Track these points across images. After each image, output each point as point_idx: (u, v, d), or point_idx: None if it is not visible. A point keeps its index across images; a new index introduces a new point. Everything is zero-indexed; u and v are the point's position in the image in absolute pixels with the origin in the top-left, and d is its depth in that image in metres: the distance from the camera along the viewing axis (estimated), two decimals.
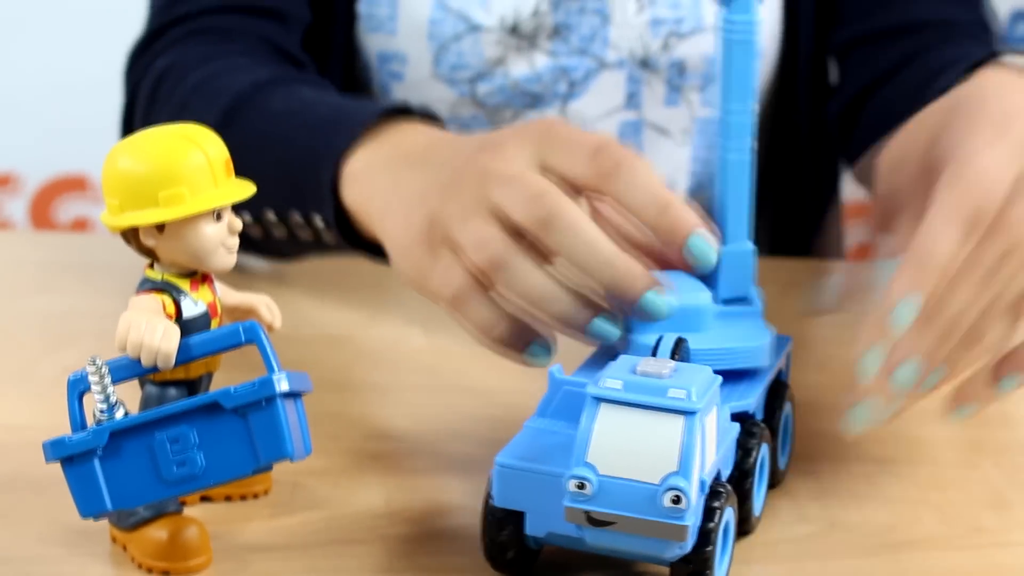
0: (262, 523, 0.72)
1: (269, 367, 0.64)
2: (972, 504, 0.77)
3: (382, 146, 0.88)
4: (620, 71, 1.14)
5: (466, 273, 0.73)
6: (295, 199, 0.92)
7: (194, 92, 1.02)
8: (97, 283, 1.06)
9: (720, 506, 0.64)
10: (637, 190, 0.72)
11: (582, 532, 0.63)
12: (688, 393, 0.62)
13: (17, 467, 0.76)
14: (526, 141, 0.75)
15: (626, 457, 0.62)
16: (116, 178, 0.64)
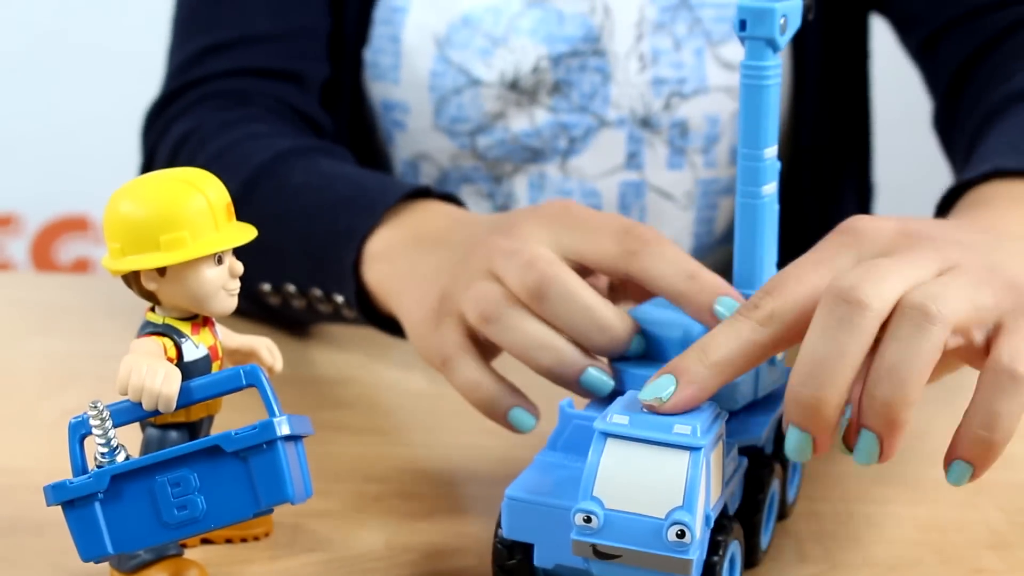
0: (263, 565, 0.72)
1: (270, 410, 0.64)
2: (973, 545, 0.77)
3: (401, 227, 0.89)
4: (620, 129, 1.14)
5: (460, 335, 0.75)
6: (316, 276, 0.94)
7: (214, 161, 1.02)
8: (98, 325, 1.06)
9: (725, 540, 0.64)
10: (665, 263, 0.72)
11: (589, 565, 0.64)
12: (693, 429, 0.63)
13: (17, 510, 0.76)
14: (543, 222, 0.76)
15: (632, 491, 0.63)
16: (118, 222, 0.65)
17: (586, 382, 0.72)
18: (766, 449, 0.73)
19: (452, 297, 0.77)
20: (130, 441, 0.66)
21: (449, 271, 0.78)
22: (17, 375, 0.97)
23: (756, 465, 0.71)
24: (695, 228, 1.18)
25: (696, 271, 0.72)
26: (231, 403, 0.69)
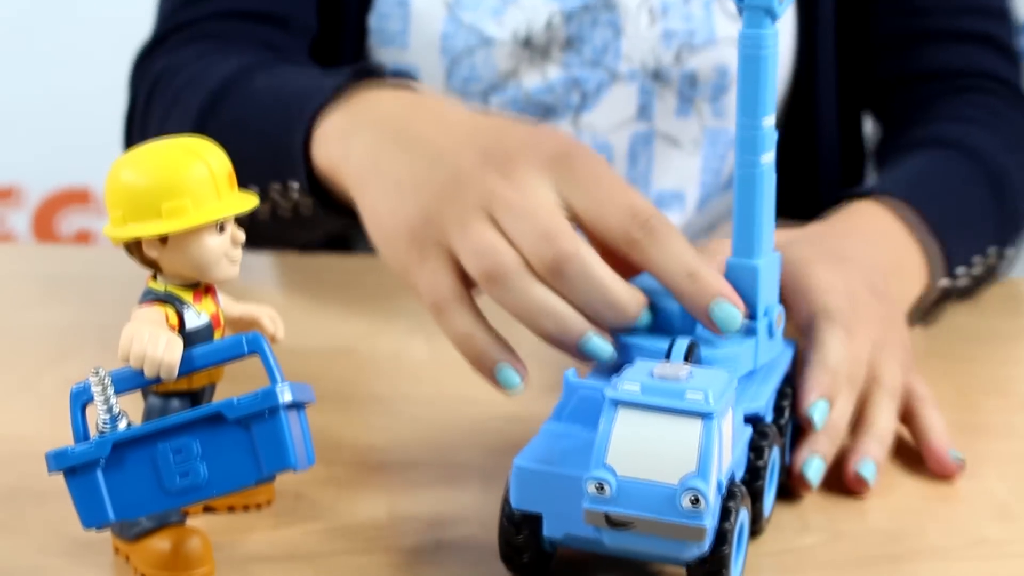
0: (265, 534, 0.72)
1: (272, 378, 0.64)
2: (976, 515, 0.77)
3: (355, 107, 0.87)
4: (632, 83, 1.14)
5: (453, 280, 0.74)
6: (272, 168, 0.92)
7: (185, 86, 1.02)
8: (100, 295, 1.06)
9: (736, 506, 0.64)
10: (668, 257, 0.72)
11: (600, 534, 0.64)
12: (706, 395, 0.63)
13: (19, 478, 0.76)
14: (544, 169, 0.74)
15: (645, 459, 0.62)
16: (119, 190, 0.64)
17: (587, 349, 0.71)
18: (766, 418, 0.73)
19: (442, 229, 0.74)
20: (132, 410, 0.66)
21: (435, 192, 0.76)
22: (19, 345, 0.97)
23: (756, 433, 0.71)
24: (701, 176, 1.18)
25: (696, 270, 0.71)
26: (232, 373, 0.69)
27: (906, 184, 0.99)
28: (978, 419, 0.84)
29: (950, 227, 0.97)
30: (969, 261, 1.00)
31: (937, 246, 0.95)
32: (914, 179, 1.01)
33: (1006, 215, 1.05)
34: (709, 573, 0.64)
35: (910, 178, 1.01)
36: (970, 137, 1.08)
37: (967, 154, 1.05)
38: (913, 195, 0.96)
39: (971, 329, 1.06)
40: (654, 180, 1.18)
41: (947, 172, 1.04)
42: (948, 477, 0.80)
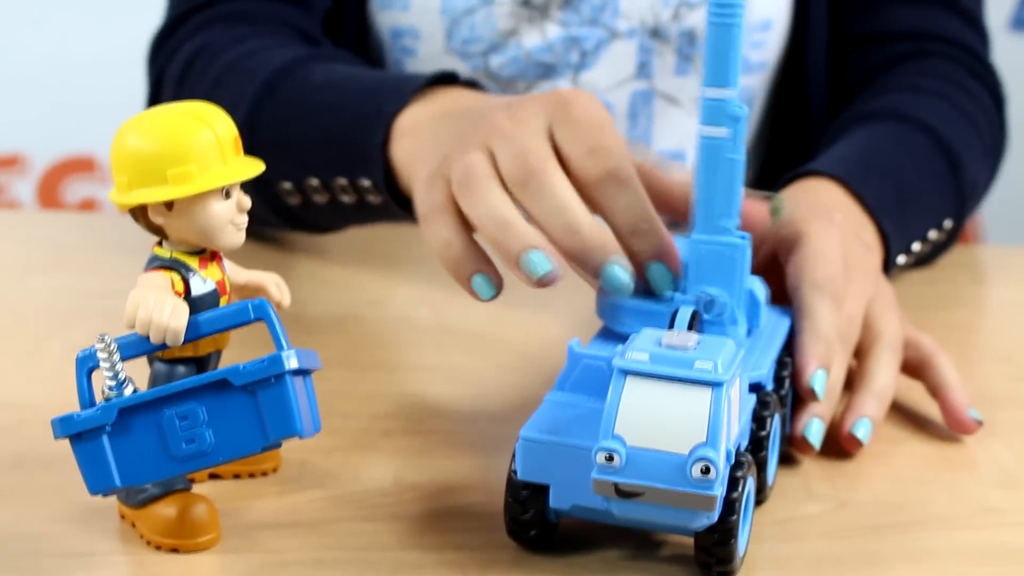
0: (271, 501, 0.72)
1: (278, 344, 0.64)
2: (982, 484, 0.77)
3: (430, 105, 0.90)
4: (631, 41, 1.14)
5: (442, 196, 0.75)
6: (341, 163, 0.94)
7: (229, 69, 1.02)
8: (105, 263, 1.06)
9: (743, 476, 0.64)
10: (624, 211, 0.72)
11: (609, 504, 0.63)
12: (715, 365, 0.63)
13: (25, 445, 0.76)
14: (543, 106, 0.76)
15: (654, 429, 0.62)
16: (125, 156, 0.64)
17: (527, 262, 0.70)
18: (767, 386, 0.73)
19: (447, 161, 0.76)
20: (138, 376, 0.65)
21: (455, 140, 0.78)
22: (24, 313, 0.97)
23: (759, 402, 0.71)
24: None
25: (643, 228, 0.72)
26: (238, 341, 0.69)
27: (855, 163, 0.99)
28: (984, 388, 0.84)
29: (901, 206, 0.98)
30: (924, 236, 1.01)
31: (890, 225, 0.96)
32: (863, 157, 1.01)
33: (963, 186, 1.05)
34: (717, 543, 0.64)
35: (859, 156, 1.01)
36: (924, 109, 1.08)
37: (920, 127, 1.06)
38: (860, 175, 0.97)
39: (976, 298, 1.07)
40: (655, 139, 1.18)
41: (899, 147, 1.04)
42: (966, 433, 0.81)
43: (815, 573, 0.67)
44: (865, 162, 1.00)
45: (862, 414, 0.79)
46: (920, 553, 0.70)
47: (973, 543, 0.71)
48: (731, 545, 0.64)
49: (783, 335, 0.77)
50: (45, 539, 0.68)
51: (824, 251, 0.80)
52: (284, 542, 0.68)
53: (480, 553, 0.68)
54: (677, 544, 0.68)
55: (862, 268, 0.83)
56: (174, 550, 0.67)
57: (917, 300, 0.99)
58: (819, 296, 0.78)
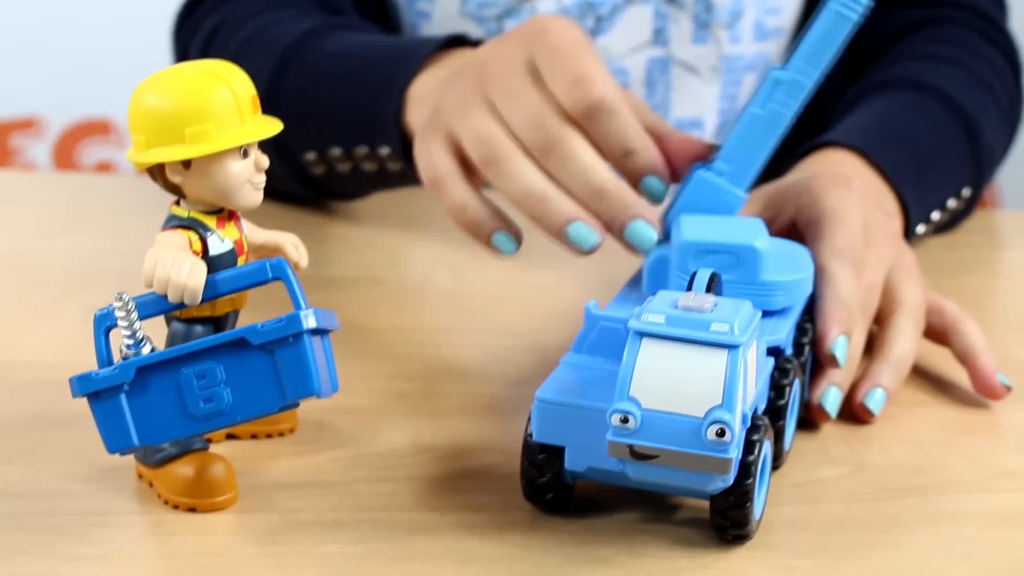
0: (288, 461, 0.72)
1: (296, 303, 0.63)
2: (1000, 448, 0.77)
3: (440, 71, 0.90)
4: (646, 6, 1.14)
5: (450, 159, 0.75)
6: (360, 132, 0.95)
7: (247, 43, 1.02)
8: (121, 223, 1.06)
9: (759, 439, 0.64)
10: (610, 138, 0.73)
11: (624, 466, 0.63)
12: (731, 327, 0.62)
13: (43, 405, 0.76)
14: (522, 41, 0.76)
15: (669, 391, 0.62)
16: (142, 114, 0.64)
17: (570, 235, 0.71)
18: (786, 350, 0.73)
19: (444, 113, 0.76)
20: (155, 336, 0.65)
21: (445, 85, 0.78)
22: (41, 273, 0.97)
23: (777, 369, 0.71)
24: (720, 104, 1.17)
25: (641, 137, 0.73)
26: (255, 302, 0.69)
27: (872, 133, 0.99)
28: (1002, 353, 0.84)
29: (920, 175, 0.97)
30: (943, 205, 1.01)
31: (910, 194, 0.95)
32: (879, 127, 1.01)
33: (980, 153, 1.04)
34: (732, 506, 0.64)
35: (875, 126, 1.01)
36: (940, 77, 1.07)
37: (936, 95, 1.05)
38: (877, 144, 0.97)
39: (995, 263, 1.06)
40: (672, 107, 1.17)
41: (915, 116, 1.04)
42: (994, 398, 0.81)
43: (832, 535, 0.67)
44: (882, 132, 0.99)
45: (877, 384, 0.79)
46: (938, 516, 0.70)
47: (991, 507, 0.71)
48: (746, 508, 0.64)
49: (803, 300, 0.76)
50: (63, 498, 0.68)
51: (843, 218, 0.80)
52: (301, 502, 0.68)
53: (497, 514, 0.68)
54: (693, 507, 0.68)
55: (882, 235, 0.83)
56: (191, 509, 0.67)
57: (936, 265, 0.99)
58: (839, 263, 0.78)
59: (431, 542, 0.65)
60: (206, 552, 0.64)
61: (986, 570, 0.65)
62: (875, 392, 0.78)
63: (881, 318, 0.82)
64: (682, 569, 0.64)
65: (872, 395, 0.78)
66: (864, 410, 0.78)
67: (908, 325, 0.81)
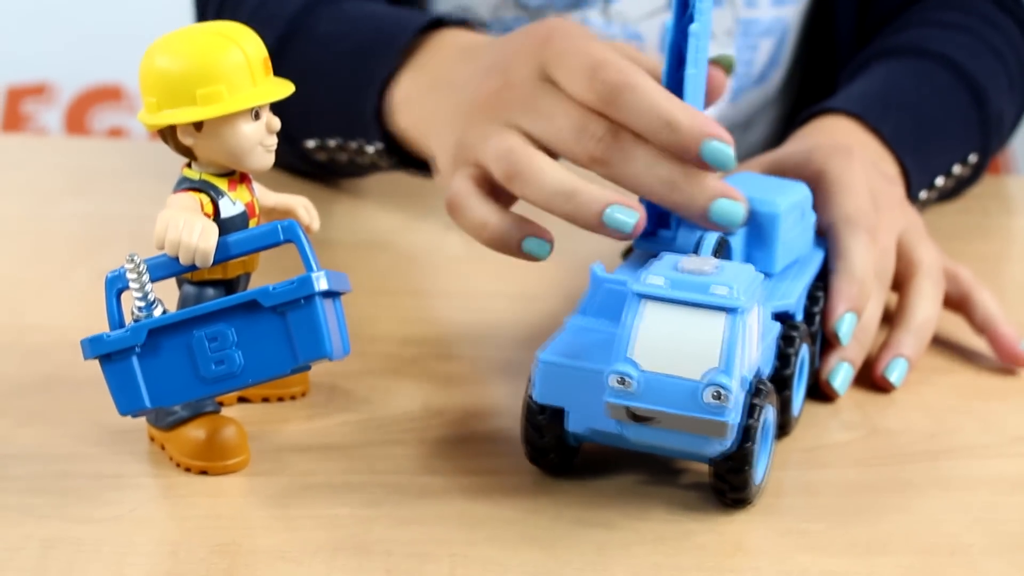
0: (299, 424, 0.72)
1: (308, 266, 0.63)
2: (1014, 413, 0.77)
3: (420, 71, 0.88)
4: None
5: (470, 181, 0.73)
6: (349, 128, 0.94)
7: (252, 20, 1.01)
8: (133, 188, 1.06)
9: (761, 403, 0.64)
10: (641, 115, 0.70)
11: (623, 428, 0.63)
12: (731, 290, 0.62)
13: (55, 368, 0.76)
14: (529, 56, 0.74)
15: (668, 354, 0.62)
16: (153, 76, 0.64)
17: (610, 223, 0.69)
18: (795, 316, 0.73)
19: (467, 149, 0.74)
20: (167, 300, 0.65)
21: (463, 118, 0.76)
22: (53, 237, 0.97)
23: (784, 336, 0.71)
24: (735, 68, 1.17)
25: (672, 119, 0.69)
26: (266, 265, 0.69)
27: (872, 100, 0.98)
28: (1015, 319, 0.84)
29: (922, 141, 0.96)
30: (948, 171, 1.00)
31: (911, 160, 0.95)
32: (880, 93, 1.00)
33: (988, 119, 1.03)
34: (732, 469, 0.64)
35: (876, 92, 1.00)
36: (947, 43, 1.06)
37: (942, 61, 1.04)
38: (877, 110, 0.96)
39: (1008, 229, 1.06)
40: None
41: (919, 82, 1.03)
42: (1018, 366, 0.81)
43: (844, 500, 0.67)
44: (883, 98, 0.98)
45: (898, 353, 0.78)
46: (951, 481, 0.70)
47: (1004, 472, 0.71)
48: (746, 473, 0.64)
49: (815, 267, 0.76)
50: (75, 461, 0.68)
51: (850, 184, 0.79)
52: (312, 465, 0.68)
53: (507, 478, 0.68)
54: (700, 471, 0.68)
55: (888, 200, 0.82)
56: (203, 472, 0.67)
57: (950, 231, 0.98)
58: (853, 231, 0.77)
59: (441, 505, 0.65)
60: (218, 514, 0.64)
61: (998, 534, 0.65)
62: (897, 362, 0.78)
63: (899, 283, 0.81)
64: (692, 532, 0.64)
65: (893, 365, 0.78)
66: (885, 382, 0.78)
67: (928, 288, 0.81)
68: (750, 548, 0.63)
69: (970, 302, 0.83)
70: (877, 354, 0.79)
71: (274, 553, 0.61)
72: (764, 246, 0.73)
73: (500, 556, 0.61)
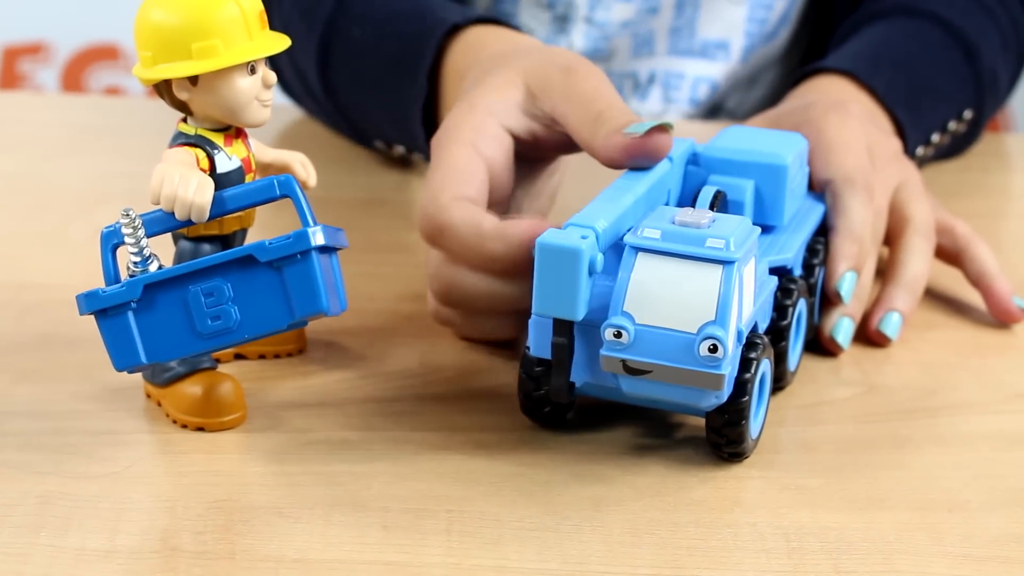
0: (296, 381, 0.72)
1: (304, 221, 0.63)
2: (1012, 370, 0.77)
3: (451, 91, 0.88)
4: None
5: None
6: (409, 142, 0.96)
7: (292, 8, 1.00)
8: (130, 145, 1.05)
9: (756, 357, 0.64)
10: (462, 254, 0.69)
11: (618, 381, 0.63)
12: (726, 243, 0.62)
13: (51, 325, 0.76)
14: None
15: (663, 306, 0.62)
16: (149, 30, 0.63)
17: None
18: (793, 271, 0.72)
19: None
20: (164, 257, 0.65)
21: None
22: (49, 195, 0.97)
23: (781, 289, 0.70)
24: (746, 26, 1.16)
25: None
26: (263, 221, 0.69)
27: (864, 58, 0.98)
28: (1014, 276, 0.83)
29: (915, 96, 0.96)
30: (943, 126, 1.00)
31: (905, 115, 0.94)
32: (872, 51, 1.00)
33: (981, 74, 1.03)
34: (728, 423, 0.64)
35: (868, 51, 1.00)
36: (936, 3, 1.05)
37: (933, 19, 1.03)
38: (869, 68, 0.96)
39: (1008, 186, 1.06)
40: (699, 29, 1.16)
41: (909, 39, 1.02)
42: (1011, 322, 0.81)
43: (842, 456, 0.67)
44: (875, 56, 0.98)
45: (891, 308, 0.78)
46: (949, 437, 0.70)
47: (1002, 428, 0.71)
48: (742, 426, 0.64)
49: (815, 222, 0.76)
50: (71, 417, 0.68)
51: (847, 141, 0.79)
52: (310, 421, 0.68)
53: (505, 434, 0.68)
54: (697, 427, 0.68)
55: (885, 155, 0.82)
56: (200, 428, 0.67)
57: (948, 188, 0.98)
58: (851, 189, 0.77)
59: (439, 461, 0.65)
60: (215, 471, 0.64)
61: (996, 490, 0.65)
62: (891, 316, 0.78)
63: (891, 239, 0.81)
64: (689, 487, 0.64)
65: (888, 320, 0.78)
66: (880, 336, 0.78)
67: (919, 244, 0.81)
68: (747, 503, 0.63)
69: (966, 256, 0.83)
70: (871, 310, 0.78)
71: (271, 509, 0.61)
72: (772, 198, 0.73)
73: (497, 512, 0.61)
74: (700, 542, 0.60)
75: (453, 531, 0.60)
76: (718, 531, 0.61)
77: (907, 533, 0.61)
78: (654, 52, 1.16)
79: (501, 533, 0.60)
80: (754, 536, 0.61)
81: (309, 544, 0.59)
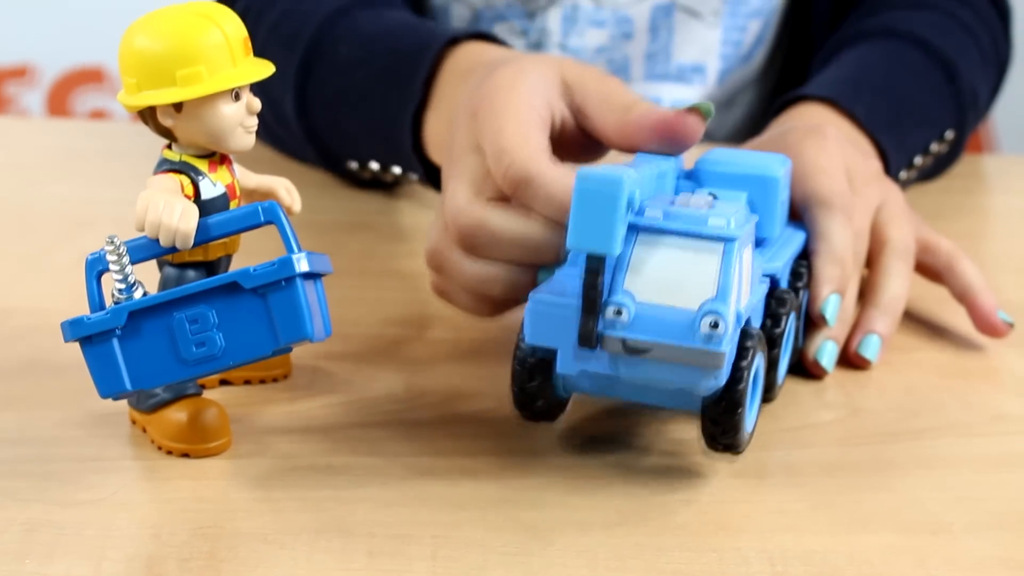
0: (282, 406, 0.72)
1: (289, 247, 0.63)
2: (995, 392, 0.77)
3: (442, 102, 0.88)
4: None
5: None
6: (388, 157, 0.95)
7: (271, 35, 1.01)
8: (115, 170, 1.05)
9: (753, 347, 0.64)
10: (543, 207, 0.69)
11: (616, 363, 0.63)
12: (728, 222, 0.62)
13: (36, 351, 0.76)
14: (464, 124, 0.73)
15: (664, 285, 0.62)
16: (133, 57, 0.63)
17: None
18: (781, 282, 0.73)
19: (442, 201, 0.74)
20: (148, 282, 0.65)
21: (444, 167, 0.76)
22: (34, 219, 0.97)
23: (775, 299, 0.71)
24: (722, 49, 1.17)
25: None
26: (248, 247, 0.69)
27: (844, 83, 0.98)
28: (997, 295, 0.84)
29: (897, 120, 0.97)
30: (926, 149, 1.00)
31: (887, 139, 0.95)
32: (852, 76, 1.00)
33: (961, 94, 1.03)
34: (724, 411, 0.64)
35: (848, 76, 1.00)
36: (916, 23, 1.06)
37: (912, 41, 1.04)
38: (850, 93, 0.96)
39: (990, 207, 1.06)
40: (675, 53, 1.17)
41: (890, 63, 1.03)
42: (996, 336, 0.81)
43: (828, 479, 0.67)
44: (855, 81, 0.99)
45: (870, 330, 0.78)
46: (933, 460, 0.70)
47: (986, 450, 0.71)
48: (738, 414, 0.64)
49: (798, 245, 0.76)
50: (56, 444, 0.68)
51: (823, 166, 0.79)
52: (295, 447, 0.68)
53: (491, 459, 0.68)
54: (680, 450, 0.68)
55: (864, 176, 0.83)
56: (185, 455, 0.67)
57: (931, 210, 0.98)
58: (830, 214, 0.77)
59: (425, 486, 0.65)
60: (200, 497, 0.64)
61: (980, 513, 0.65)
62: (870, 339, 0.78)
63: (870, 261, 0.82)
64: (674, 511, 0.64)
65: (867, 342, 0.78)
66: (860, 358, 0.78)
67: (897, 265, 0.81)
68: (732, 527, 0.63)
69: (951, 272, 0.83)
70: (850, 334, 0.79)
71: (256, 536, 0.61)
72: (764, 211, 0.73)
73: (483, 537, 0.61)
74: (685, 567, 0.60)
75: (439, 556, 0.60)
76: (703, 555, 0.61)
77: (892, 556, 0.61)
78: (630, 78, 1.17)
79: (487, 559, 0.60)
80: (739, 560, 0.61)
81: (294, 571, 0.59)
